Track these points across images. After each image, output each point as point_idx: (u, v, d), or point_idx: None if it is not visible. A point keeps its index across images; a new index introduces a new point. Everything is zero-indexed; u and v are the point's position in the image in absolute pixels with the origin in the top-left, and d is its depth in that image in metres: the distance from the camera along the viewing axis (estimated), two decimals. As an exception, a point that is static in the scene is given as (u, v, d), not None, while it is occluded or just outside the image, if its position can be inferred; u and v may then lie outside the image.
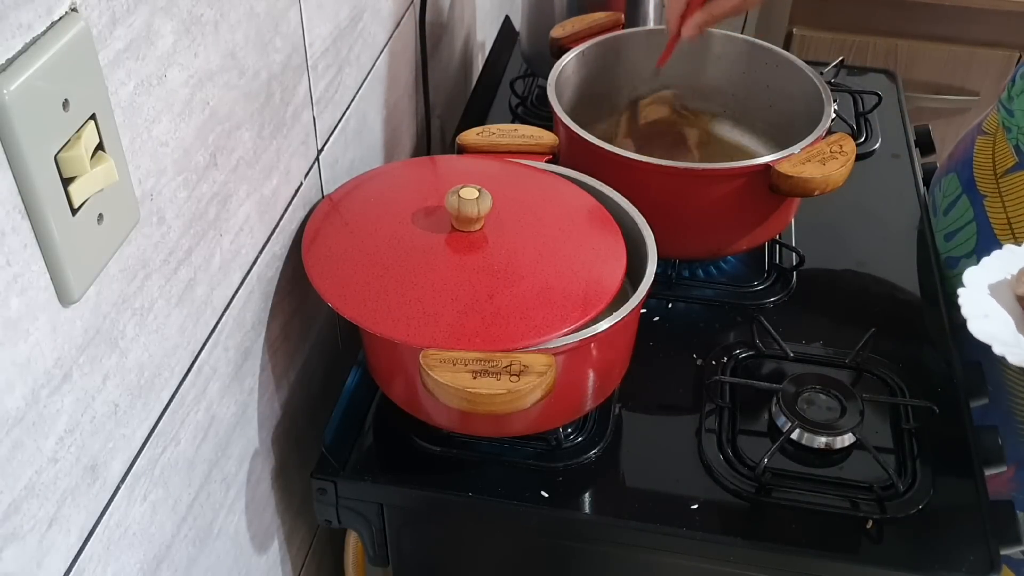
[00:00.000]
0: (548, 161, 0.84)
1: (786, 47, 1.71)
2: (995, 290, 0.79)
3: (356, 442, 0.76)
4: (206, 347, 0.62)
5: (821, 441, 0.74)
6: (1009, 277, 0.79)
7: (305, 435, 0.84)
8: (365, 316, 0.65)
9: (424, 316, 0.65)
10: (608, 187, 0.79)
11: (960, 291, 0.77)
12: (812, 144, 0.83)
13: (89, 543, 0.52)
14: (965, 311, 0.75)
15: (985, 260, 0.81)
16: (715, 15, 0.93)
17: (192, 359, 0.61)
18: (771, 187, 0.82)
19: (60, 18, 0.42)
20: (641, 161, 0.83)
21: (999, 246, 0.87)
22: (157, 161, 0.52)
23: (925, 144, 1.14)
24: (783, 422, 0.75)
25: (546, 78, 0.93)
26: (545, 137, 0.85)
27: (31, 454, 0.45)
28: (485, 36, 1.40)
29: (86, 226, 0.45)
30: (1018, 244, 0.85)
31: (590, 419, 0.77)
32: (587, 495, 0.72)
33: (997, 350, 0.72)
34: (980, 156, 0.93)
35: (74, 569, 0.51)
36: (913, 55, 1.74)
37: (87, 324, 0.48)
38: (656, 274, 0.71)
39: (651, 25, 1.16)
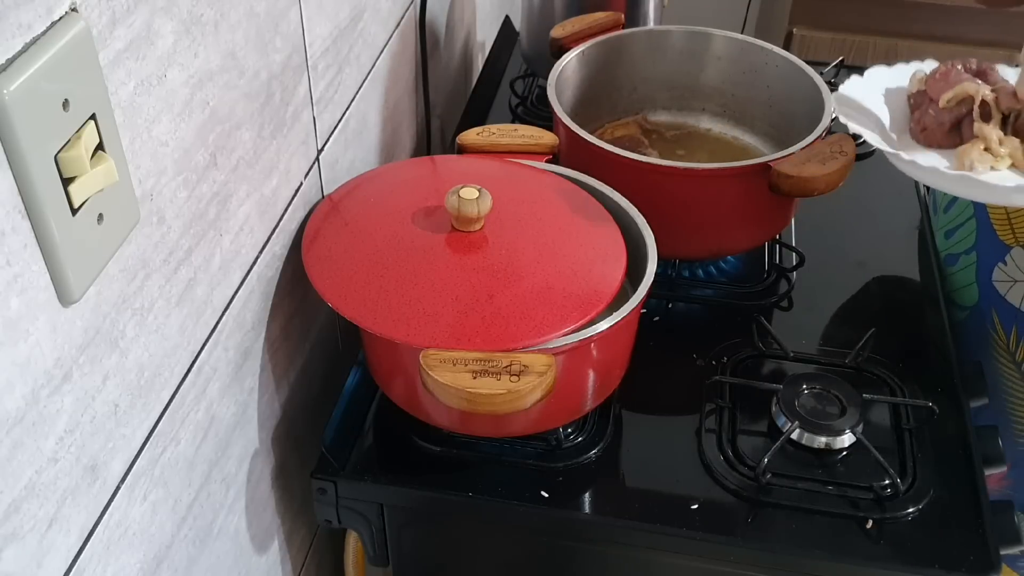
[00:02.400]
0: (548, 161, 0.84)
1: (786, 47, 1.71)
2: (893, 91, 0.83)
3: (356, 442, 0.76)
4: (206, 347, 0.62)
5: (821, 441, 0.74)
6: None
7: (305, 435, 0.84)
8: (365, 316, 0.65)
9: (424, 316, 0.65)
10: (608, 187, 0.79)
11: (851, 76, 0.80)
12: (812, 144, 0.83)
13: (89, 543, 0.52)
14: (842, 88, 0.79)
15: (899, 64, 0.85)
16: None
17: (192, 359, 0.61)
18: (771, 187, 0.82)
19: (60, 18, 0.42)
20: (641, 161, 0.83)
21: (998, 242, 0.87)
22: (157, 161, 0.52)
23: (925, 144, 1.13)
24: (783, 422, 0.75)
25: (546, 78, 0.93)
26: (545, 137, 0.85)
27: (31, 454, 0.45)
28: (485, 36, 1.40)
29: (86, 226, 0.45)
30: (1018, 240, 0.86)
31: (590, 419, 0.77)
32: (587, 495, 0.72)
33: (852, 128, 0.78)
34: None
35: (74, 569, 0.51)
36: (913, 55, 1.74)
37: (87, 324, 0.48)
38: (656, 274, 0.71)
39: (651, 25, 1.16)
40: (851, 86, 0.87)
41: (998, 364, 0.88)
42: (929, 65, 0.88)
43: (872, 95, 0.87)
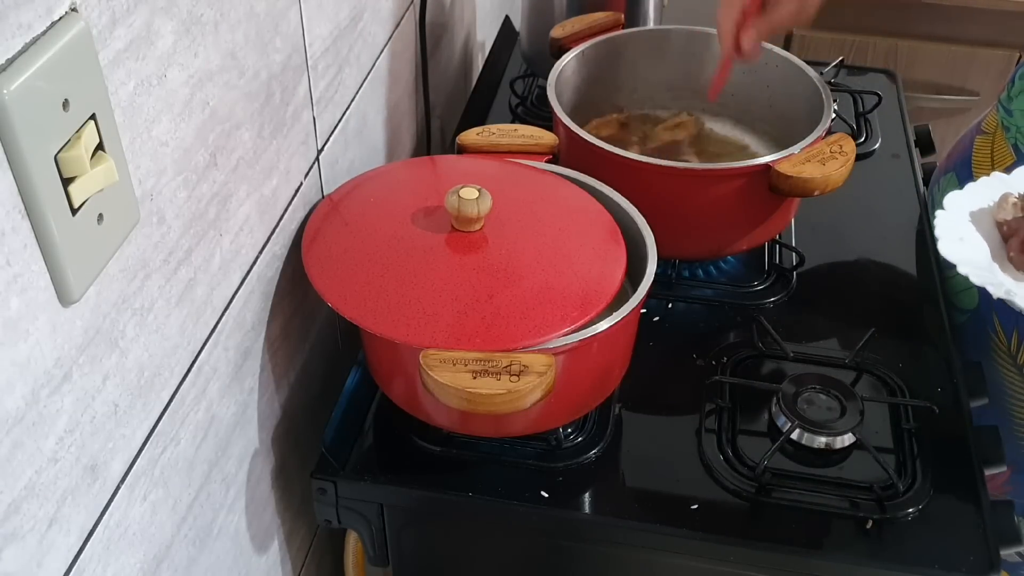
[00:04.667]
0: (548, 161, 0.84)
1: (786, 47, 1.71)
2: (976, 216, 0.78)
3: (356, 442, 0.76)
4: (206, 347, 0.62)
5: (821, 441, 0.74)
6: (991, 204, 0.78)
7: (305, 435, 0.84)
8: (365, 316, 0.65)
9: (424, 316, 0.65)
10: (608, 187, 0.79)
11: (938, 212, 0.76)
12: (812, 144, 0.83)
13: (89, 543, 0.52)
14: (938, 231, 0.75)
15: (970, 185, 0.80)
16: (773, 24, 0.82)
17: (192, 359, 0.61)
18: (771, 187, 0.82)
19: (60, 18, 0.42)
20: (641, 161, 0.83)
21: None
22: (157, 161, 0.52)
23: (925, 144, 1.14)
24: (783, 422, 0.75)
25: (546, 78, 0.93)
26: (545, 137, 0.85)
27: (31, 454, 0.45)
28: (485, 36, 1.40)
29: (86, 226, 0.45)
30: None
31: (590, 419, 0.77)
32: (587, 495, 0.72)
33: (962, 270, 0.71)
34: (979, 155, 0.93)
35: (74, 569, 0.51)
36: (913, 55, 1.74)
37: (87, 324, 0.48)
38: (656, 274, 0.71)
39: (651, 25, 1.16)
40: (943, 222, 0.78)
41: (999, 367, 0.88)
42: (1001, 182, 0.80)
43: (966, 228, 0.79)
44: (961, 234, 0.76)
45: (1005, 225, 0.77)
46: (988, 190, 0.80)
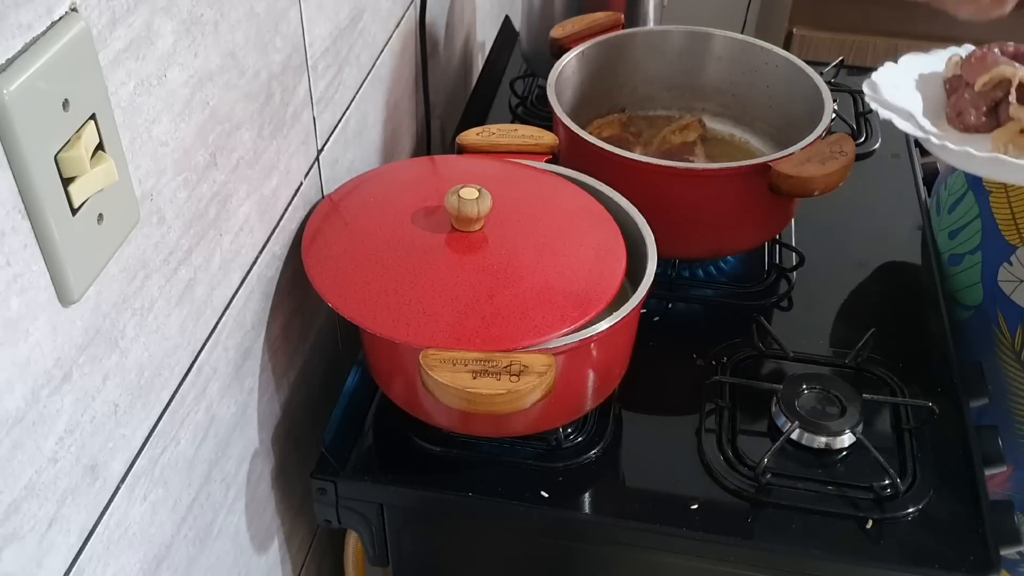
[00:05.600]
0: (548, 161, 0.84)
1: (786, 47, 1.71)
2: (927, 77, 0.81)
3: (356, 442, 0.76)
4: (206, 347, 0.62)
5: (821, 441, 0.74)
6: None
7: (305, 435, 0.84)
8: (365, 316, 0.65)
9: (424, 316, 0.65)
10: (608, 187, 0.79)
11: (886, 63, 0.78)
12: (812, 144, 0.83)
13: (89, 543, 0.52)
14: (875, 75, 0.77)
15: (935, 50, 0.82)
16: None
17: (192, 359, 0.61)
18: (771, 187, 0.82)
19: (60, 18, 0.42)
20: (641, 161, 0.83)
21: (1004, 242, 0.87)
22: (157, 161, 0.52)
23: (925, 144, 1.14)
24: (783, 422, 0.75)
25: (546, 78, 0.93)
26: (545, 137, 0.85)
27: (31, 454, 0.45)
28: (485, 36, 1.40)
29: (86, 226, 0.45)
30: (1023, 240, 0.85)
31: (590, 419, 0.77)
32: (587, 495, 0.72)
33: (883, 115, 0.74)
34: None
35: (74, 569, 0.51)
36: (913, 55, 1.74)
37: (87, 324, 0.48)
38: (656, 274, 0.71)
39: (651, 25, 1.16)
40: (883, 73, 0.85)
41: (1003, 364, 0.88)
42: (965, 50, 0.86)
43: (905, 81, 0.85)
44: (897, 84, 0.78)
45: (947, 83, 0.79)
46: (949, 53, 0.84)
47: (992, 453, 0.76)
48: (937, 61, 0.86)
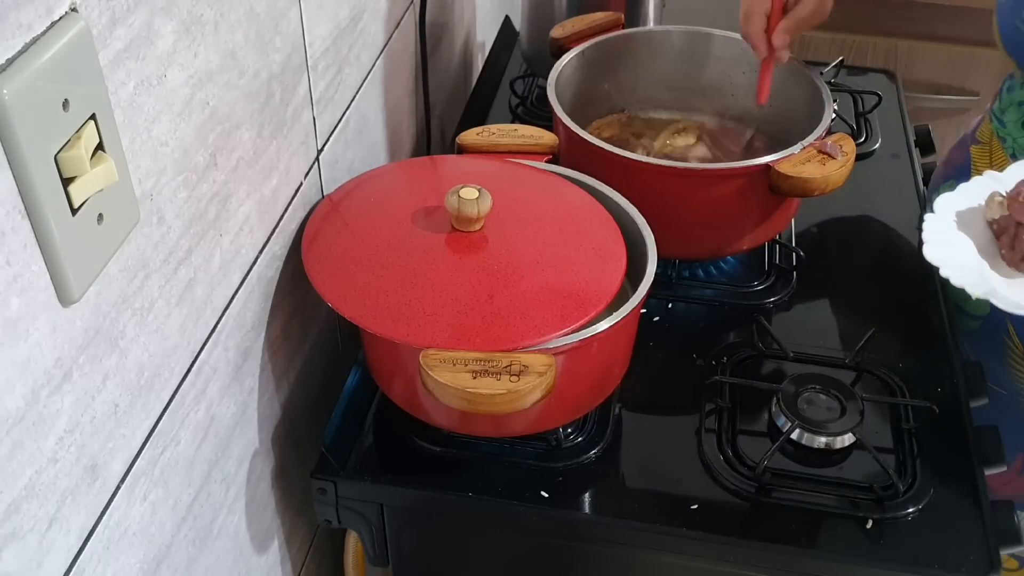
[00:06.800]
0: (548, 161, 0.84)
1: (786, 47, 1.71)
2: (965, 216, 0.78)
3: (356, 442, 0.76)
4: (206, 347, 0.62)
5: (821, 441, 0.74)
6: (983, 203, 0.79)
7: (305, 435, 0.84)
8: (365, 316, 0.65)
9: (424, 316, 0.65)
10: (608, 187, 0.79)
11: (926, 216, 0.76)
12: (812, 144, 0.83)
13: (89, 543, 0.52)
14: (924, 235, 0.75)
15: (962, 186, 0.80)
16: (799, 22, 0.85)
17: (192, 359, 0.61)
18: (771, 187, 0.82)
19: (60, 18, 0.42)
20: (641, 161, 0.83)
21: None
22: (157, 161, 0.52)
23: (925, 144, 1.13)
24: (783, 422, 0.75)
25: (546, 78, 0.93)
26: (545, 137, 0.85)
27: (31, 454, 0.45)
28: (485, 36, 1.40)
29: (86, 226, 0.45)
30: None
31: (590, 419, 0.77)
32: (587, 495, 0.72)
33: (944, 272, 0.71)
34: (979, 164, 0.93)
35: (74, 569, 0.51)
36: (913, 55, 1.74)
37: (87, 324, 0.48)
38: (656, 274, 0.71)
39: (651, 25, 1.16)
40: (930, 224, 0.78)
41: (1015, 372, 0.88)
42: (997, 181, 0.80)
43: (950, 228, 0.78)
44: (947, 236, 0.76)
45: (995, 223, 0.77)
46: (981, 188, 0.80)
47: (992, 453, 0.76)
48: (968, 199, 0.79)
